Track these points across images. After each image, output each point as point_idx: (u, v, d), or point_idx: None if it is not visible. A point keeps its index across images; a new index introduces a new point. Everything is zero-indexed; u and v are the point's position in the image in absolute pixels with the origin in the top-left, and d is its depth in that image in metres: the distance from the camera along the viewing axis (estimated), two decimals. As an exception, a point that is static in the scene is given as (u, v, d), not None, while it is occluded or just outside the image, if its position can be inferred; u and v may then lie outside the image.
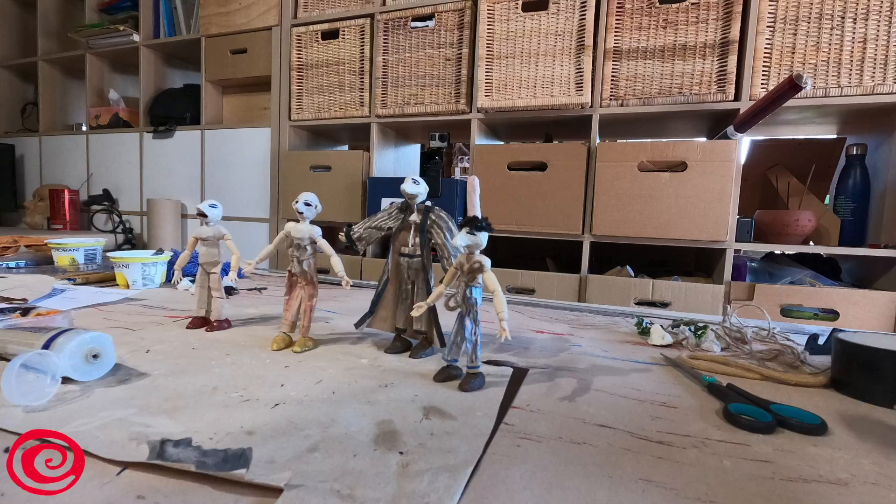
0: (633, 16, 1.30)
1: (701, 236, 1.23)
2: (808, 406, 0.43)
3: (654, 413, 0.42)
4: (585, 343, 0.65)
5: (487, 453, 0.33)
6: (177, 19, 2.02)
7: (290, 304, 0.59)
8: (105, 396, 0.40)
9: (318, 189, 1.64)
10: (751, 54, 1.20)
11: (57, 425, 0.34)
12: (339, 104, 1.68)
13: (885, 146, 1.26)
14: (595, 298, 1.32)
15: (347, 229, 0.59)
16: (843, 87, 1.15)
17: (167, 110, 2.04)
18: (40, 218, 2.25)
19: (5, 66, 2.49)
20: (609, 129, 1.58)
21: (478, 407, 0.41)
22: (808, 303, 1.18)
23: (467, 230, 0.44)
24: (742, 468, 0.33)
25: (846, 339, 0.49)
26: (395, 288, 0.58)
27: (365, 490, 0.28)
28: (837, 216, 1.29)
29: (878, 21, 1.12)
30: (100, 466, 0.30)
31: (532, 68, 1.37)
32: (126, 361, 0.49)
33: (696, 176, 1.22)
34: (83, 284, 0.92)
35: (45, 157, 2.40)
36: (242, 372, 0.48)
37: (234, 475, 0.29)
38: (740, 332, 0.66)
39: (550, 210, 1.38)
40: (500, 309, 0.44)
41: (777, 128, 1.47)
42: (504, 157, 1.43)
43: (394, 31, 1.56)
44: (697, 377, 0.51)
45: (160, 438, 0.32)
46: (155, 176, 2.10)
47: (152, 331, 0.62)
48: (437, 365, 0.51)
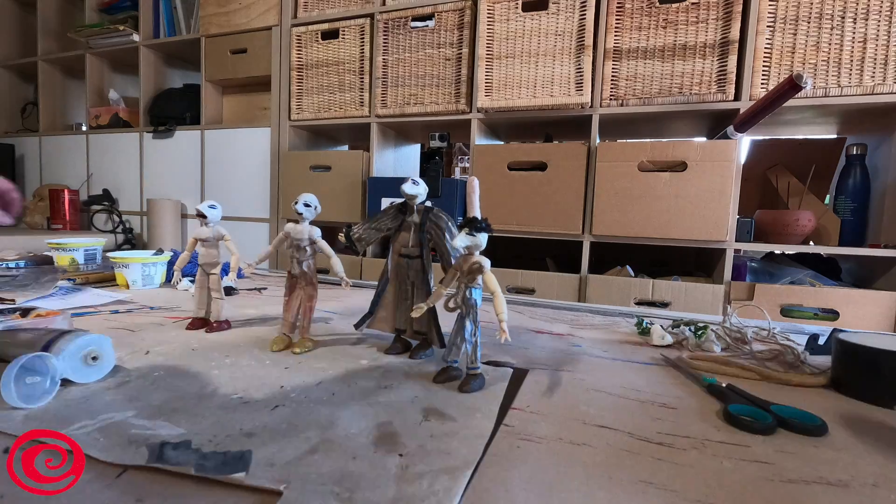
0: (633, 16, 1.29)
1: (701, 236, 1.23)
2: (809, 406, 0.43)
3: (653, 414, 0.42)
4: (585, 343, 0.65)
5: (487, 455, 0.33)
6: (177, 19, 2.02)
7: (290, 305, 0.59)
8: (104, 398, 0.40)
9: (318, 189, 1.64)
10: (751, 54, 1.20)
11: (57, 428, 0.34)
12: (339, 104, 1.68)
13: (885, 146, 1.26)
14: (595, 298, 1.32)
15: (347, 230, 0.59)
16: (843, 87, 1.15)
17: (167, 110, 2.04)
18: (40, 218, 2.25)
19: (5, 66, 2.49)
20: (609, 129, 1.58)
21: (478, 408, 0.41)
22: (808, 303, 1.18)
23: (467, 231, 0.44)
24: (742, 469, 0.33)
25: (846, 339, 0.49)
26: (395, 289, 0.58)
27: (364, 493, 0.28)
28: (837, 216, 1.29)
29: (878, 21, 1.12)
30: (100, 469, 0.30)
31: (532, 68, 1.37)
32: (125, 363, 0.49)
33: (696, 176, 1.22)
34: (83, 284, 0.92)
35: (45, 157, 2.40)
36: (242, 373, 0.48)
37: (234, 478, 0.29)
38: (740, 332, 0.66)
39: (550, 210, 1.37)
40: (500, 310, 0.44)
41: (777, 128, 1.47)
42: (504, 157, 1.43)
43: (394, 31, 1.56)
44: (697, 378, 0.50)
45: (159, 441, 0.32)
46: (155, 176, 2.10)
47: (152, 332, 0.62)
48: (436, 366, 0.51)
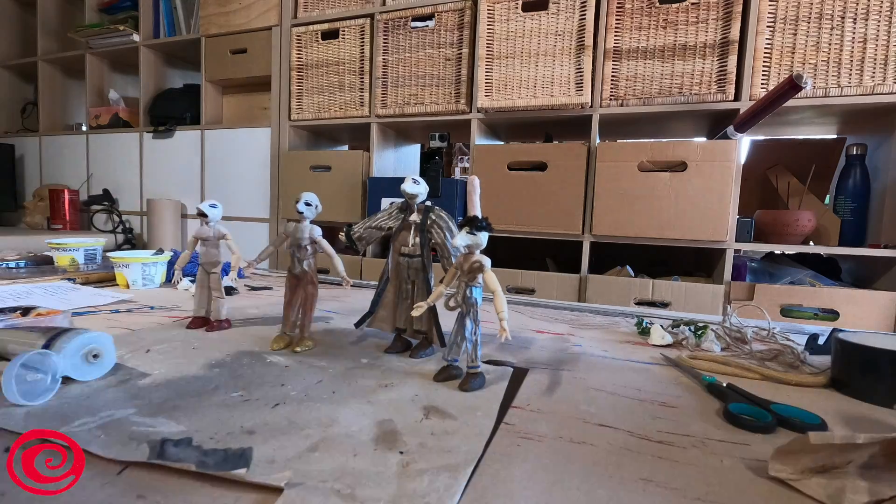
0: (633, 16, 1.30)
1: (701, 236, 1.23)
2: (808, 406, 0.43)
3: (654, 413, 0.42)
4: (585, 343, 0.65)
5: (488, 453, 0.33)
6: (177, 19, 2.02)
7: (291, 304, 0.59)
8: (105, 396, 0.40)
9: (318, 189, 1.64)
10: (751, 54, 1.20)
11: (57, 425, 0.34)
12: (339, 104, 1.68)
13: (885, 146, 1.26)
14: (595, 298, 1.32)
15: (347, 229, 0.60)
16: (843, 87, 1.15)
17: (167, 110, 2.04)
18: (40, 218, 2.25)
19: (5, 66, 2.49)
20: (609, 129, 1.58)
21: (478, 406, 0.41)
22: (808, 303, 1.18)
23: (467, 230, 0.44)
24: (742, 468, 0.33)
25: (846, 339, 0.49)
26: (396, 288, 0.58)
27: (365, 489, 0.28)
28: (837, 216, 1.29)
29: (878, 21, 1.12)
30: (100, 466, 0.30)
31: (532, 68, 1.37)
32: (126, 361, 0.49)
33: (696, 176, 1.22)
34: (83, 284, 0.92)
35: (45, 157, 2.40)
36: (242, 372, 0.48)
37: (235, 475, 0.29)
38: (740, 332, 0.66)
39: (550, 210, 1.38)
40: (501, 309, 0.44)
41: (777, 128, 1.47)
42: (504, 157, 1.43)
43: (394, 31, 1.56)
44: (697, 377, 0.51)
45: (160, 438, 0.32)
46: (155, 176, 2.10)
47: (152, 331, 0.62)
48: (437, 365, 0.51)
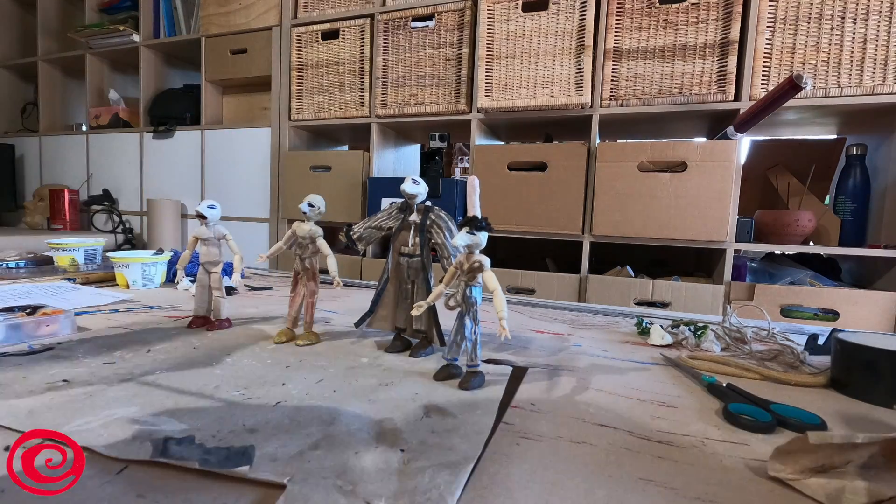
0: (633, 16, 1.30)
1: (701, 236, 1.24)
2: (808, 406, 0.43)
3: (653, 413, 0.42)
4: (585, 343, 0.66)
5: (487, 451, 0.34)
6: (177, 19, 2.03)
7: (294, 300, 0.60)
8: (107, 395, 0.40)
9: (318, 189, 1.65)
10: (751, 54, 1.20)
11: (61, 423, 0.34)
12: (339, 104, 1.68)
13: (885, 146, 1.26)
14: (595, 298, 1.32)
15: (347, 229, 0.60)
16: (843, 87, 1.15)
17: (167, 110, 2.04)
18: (40, 218, 2.25)
19: (5, 66, 2.49)
20: (609, 129, 1.59)
21: (478, 405, 0.41)
22: (808, 303, 1.18)
23: (467, 230, 0.44)
24: (742, 468, 0.33)
25: (846, 339, 0.49)
26: (395, 287, 0.58)
27: (366, 486, 0.28)
28: (837, 216, 1.29)
29: (878, 21, 1.12)
30: (100, 465, 0.30)
31: (532, 68, 1.38)
32: (127, 361, 0.49)
33: (696, 176, 1.22)
34: (83, 284, 0.92)
35: (45, 157, 2.40)
36: (244, 371, 0.48)
37: (238, 472, 0.29)
38: (740, 332, 0.66)
39: (550, 210, 1.38)
40: (500, 308, 0.44)
41: (777, 128, 1.47)
42: (504, 158, 1.43)
43: (394, 32, 1.57)
44: (697, 377, 0.51)
45: (163, 436, 0.32)
46: (155, 176, 2.10)
47: (153, 330, 0.62)
48: (437, 364, 0.51)
